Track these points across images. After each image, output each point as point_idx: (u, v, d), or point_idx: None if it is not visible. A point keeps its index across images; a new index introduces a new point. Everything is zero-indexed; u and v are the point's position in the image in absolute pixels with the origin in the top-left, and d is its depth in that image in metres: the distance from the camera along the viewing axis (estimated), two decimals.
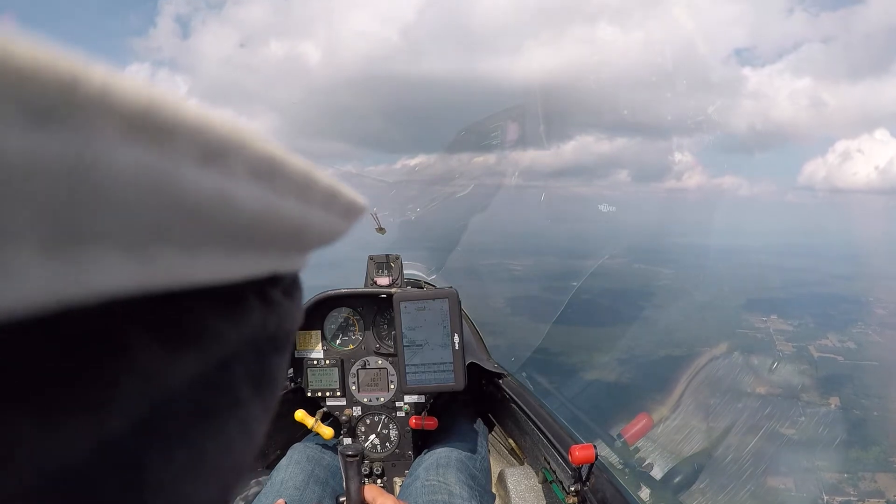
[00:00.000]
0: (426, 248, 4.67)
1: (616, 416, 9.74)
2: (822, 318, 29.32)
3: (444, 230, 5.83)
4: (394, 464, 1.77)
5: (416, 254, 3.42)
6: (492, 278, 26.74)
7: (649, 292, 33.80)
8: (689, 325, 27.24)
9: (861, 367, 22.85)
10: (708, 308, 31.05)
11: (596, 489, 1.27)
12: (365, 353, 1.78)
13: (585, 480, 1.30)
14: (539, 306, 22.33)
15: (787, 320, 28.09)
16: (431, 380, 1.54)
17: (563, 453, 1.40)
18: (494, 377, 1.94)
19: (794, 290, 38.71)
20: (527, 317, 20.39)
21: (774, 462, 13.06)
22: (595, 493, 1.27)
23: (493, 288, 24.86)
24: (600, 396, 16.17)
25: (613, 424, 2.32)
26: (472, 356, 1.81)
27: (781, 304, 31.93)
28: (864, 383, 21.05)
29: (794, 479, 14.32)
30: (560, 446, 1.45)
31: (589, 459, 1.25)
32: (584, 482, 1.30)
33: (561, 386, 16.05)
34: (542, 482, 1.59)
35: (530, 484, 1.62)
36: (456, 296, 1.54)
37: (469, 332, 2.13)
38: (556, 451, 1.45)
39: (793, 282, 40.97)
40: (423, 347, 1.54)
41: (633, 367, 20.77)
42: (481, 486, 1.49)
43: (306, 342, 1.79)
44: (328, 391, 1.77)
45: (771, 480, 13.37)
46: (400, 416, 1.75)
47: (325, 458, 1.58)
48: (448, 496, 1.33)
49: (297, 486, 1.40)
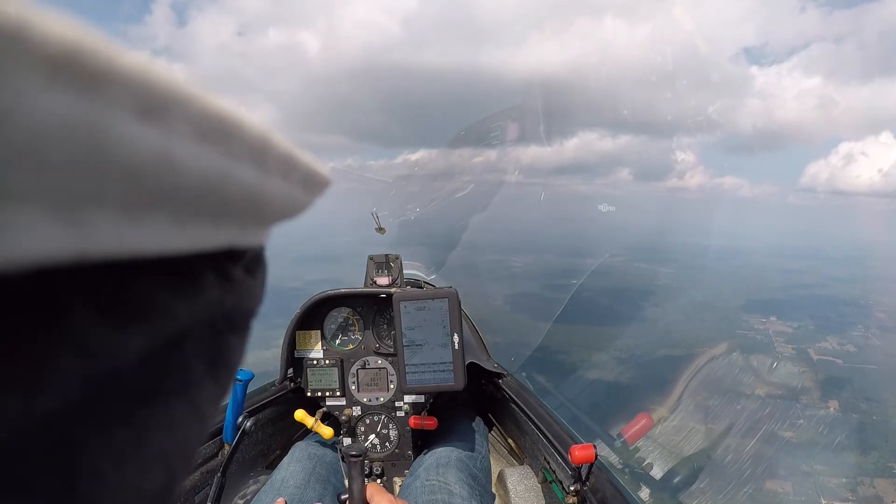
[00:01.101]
0: (427, 245, 4.66)
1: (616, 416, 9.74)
2: (821, 320, 29.30)
3: (444, 229, 5.83)
4: (394, 463, 1.76)
5: (416, 252, 3.42)
6: (492, 276, 26.76)
7: (649, 291, 33.84)
8: (688, 326, 27.25)
9: (861, 370, 22.80)
10: (707, 308, 31.06)
11: (595, 489, 1.27)
12: (365, 353, 1.77)
13: (585, 480, 1.30)
14: (539, 304, 22.35)
15: (786, 322, 28.07)
16: (431, 380, 1.54)
17: (563, 453, 1.40)
18: (494, 377, 1.94)
19: (794, 291, 38.68)
20: (527, 315, 20.40)
21: (773, 465, 13.08)
22: (595, 492, 1.27)
23: (494, 286, 24.89)
24: (600, 396, 16.21)
25: (613, 424, 2.32)
26: (471, 356, 1.80)
27: (781, 306, 31.92)
28: (864, 387, 21.00)
29: (793, 483, 14.31)
30: (560, 446, 1.45)
31: (588, 459, 1.25)
32: (584, 482, 1.30)
33: (561, 385, 16.08)
34: (542, 482, 1.59)
35: (530, 484, 1.62)
36: (456, 295, 1.53)
37: (469, 332, 2.13)
38: (556, 451, 1.45)
39: (793, 283, 40.93)
40: (423, 347, 1.54)
41: (632, 367, 20.80)
42: (481, 485, 1.49)
43: (306, 342, 1.78)
44: (328, 391, 1.76)
45: (770, 483, 13.38)
46: (400, 416, 1.75)
47: (326, 456, 1.58)
48: (448, 496, 1.33)
49: (298, 485, 1.40)
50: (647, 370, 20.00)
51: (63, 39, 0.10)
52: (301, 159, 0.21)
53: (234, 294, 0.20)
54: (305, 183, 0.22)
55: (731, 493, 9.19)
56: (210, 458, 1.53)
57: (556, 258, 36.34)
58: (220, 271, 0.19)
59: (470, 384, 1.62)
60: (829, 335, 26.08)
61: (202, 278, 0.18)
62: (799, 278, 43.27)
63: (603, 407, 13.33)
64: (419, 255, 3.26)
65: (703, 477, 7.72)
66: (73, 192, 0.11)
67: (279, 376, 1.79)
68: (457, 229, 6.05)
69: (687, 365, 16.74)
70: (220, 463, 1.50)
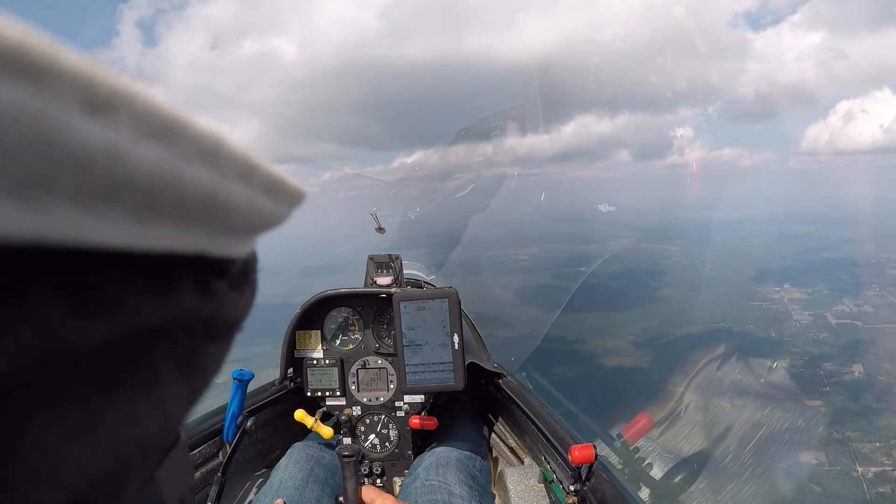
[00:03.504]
0: (428, 244, 4.60)
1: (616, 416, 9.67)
2: (835, 283, 28.92)
3: (445, 228, 5.78)
4: (393, 463, 1.76)
5: (417, 251, 3.38)
6: (499, 271, 26.70)
7: (659, 271, 33.63)
8: (703, 302, 27.04)
9: (881, 330, 22.42)
10: (719, 282, 30.82)
11: (595, 489, 1.27)
12: (365, 353, 1.78)
13: (585, 480, 1.30)
14: (550, 294, 22.23)
15: (800, 288, 27.72)
16: (431, 380, 1.56)
17: (563, 453, 1.40)
18: (494, 377, 1.93)
19: (805, 257, 38.24)
20: (538, 306, 20.28)
21: (805, 436, 12.91)
22: (594, 492, 1.27)
23: (501, 280, 24.82)
24: (608, 389, 16.07)
25: (613, 424, 2.26)
26: (471, 356, 1.80)
27: (793, 273, 31.53)
28: (886, 347, 20.65)
29: (826, 453, 14.09)
30: (559, 446, 1.45)
31: (588, 459, 1.25)
32: (584, 482, 1.30)
33: (574, 374, 15.98)
34: (542, 482, 1.59)
35: (530, 484, 1.62)
36: (455, 295, 1.54)
37: (469, 332, 2.12)
38: (556, 451, 1.45)
39: (802, 249, 40.45)
40: (423, 347, 1.55)
41: (651, 350, 20.63)
42: (481, 485, 1.49)
43: (306, 342, 1.79)
44: (328, 391, 1.77)
45: (804, 455, 13.20)
46: (400, 416, 1.75)
47: (325, 458, 1.58)
48: (448, 496, 1.34)
49: (297, 486, 1.41)
50: (665, 351, 19.85)
51: (10, 37, 0.11)
52: (263, 166, 0.21)
53: (215, 304, 0.21)
54: (272, 191, 0.22)
55: (731, 493, 9.07)
56: (210, 458, 1.54)
57: (561, 247, 36.21)
58: (200, 280, 0.20)
59: (470, 384, 1.63)
60: (845, 297, 25.72)
61: (176, 282, 0.19)
62: (807, 243, 42.75)
63: (606, 404, 13.19)
64: (419, 255, 3.26)
65: (703, 477, 7.65)
66: (25, 176, 0.12)
67: (279, 376, 1.79)
68: (457, 228, 6.02)
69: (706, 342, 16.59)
70: (220, 463, 1.51)
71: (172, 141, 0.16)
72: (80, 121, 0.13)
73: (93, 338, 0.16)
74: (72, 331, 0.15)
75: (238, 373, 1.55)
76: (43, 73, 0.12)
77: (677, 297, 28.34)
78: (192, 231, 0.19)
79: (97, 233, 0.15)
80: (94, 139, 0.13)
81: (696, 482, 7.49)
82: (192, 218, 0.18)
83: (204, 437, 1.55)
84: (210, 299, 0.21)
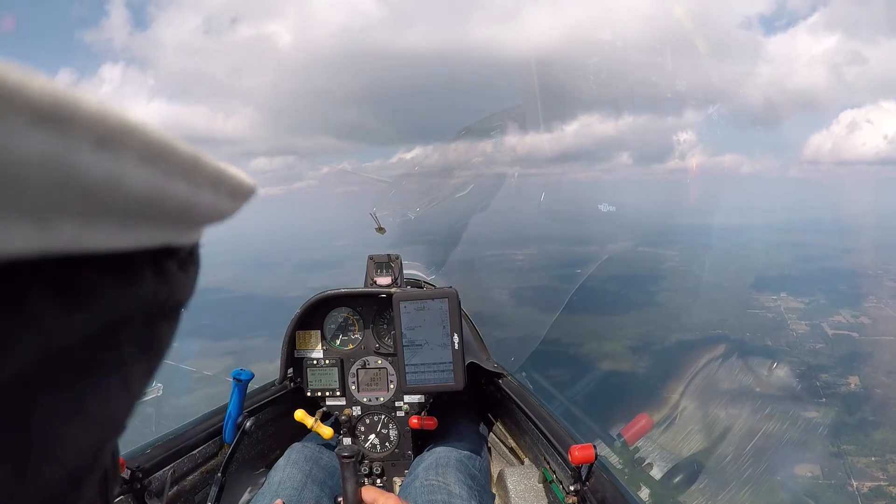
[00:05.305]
0: (428, 242, 4.57)
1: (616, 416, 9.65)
2: (833, 293, 28.78)
3: (445, 227, 5.75)
4: (393, 463, 1.77)
5: (416, 252, 3.36)
6: (496, 271, 26.64)
7: (657, 276, 33.57)
8: (700, 308, 26.99)
9: (878, 342, 22.31)
10: (717, 288, 30.78)
11: (595, 489, 1.27)
12: (365, 353, 1.78)
13: (585, 480, 1.31)
14: (547, 296, 22.20)
15: (797, 298, 27.55)
16: (431, 380, 1.55)
17: (563, 453, 1.40)
18: (494, 377, 1.93)
19: (803, 266, 38.12)
20: (535, 308, 20.24)
21: (801, 448, 12.86)
22: (594, 492, 1.27)
23: (499, 280, 24.77)
24: (606, 391, 16.03)
25: (613, 424, 2.24)
26: (471, 356, 1.80)
27: (791, 281, 31.43)
28: (884, 360, 20.48)
29: (822, 466, 14.02)
30: (559, 446, 1.45)
31: (588, 459, 1.25)
32: (584, 482, 1.30)
33: (570, 377, 15.95)
34: (542, 482, 1.60)
35: (530, 484, 1.62)
36: (455, 295, 1.54)
37: (469, 332, 2.12)
38: (556, 451, 1.45)
39: (801, 258, 40.32)
40: (423, 347, 1.55)
41: (647, 355, 20.59)
42: (481, 485, 1.50)
43: (306, 342, 1.79)
44: (328, 391, 1.77)
45: (799, 468, 13.15)
46: (400, 416, 1.75)
47: (323, 458, 1.58)
48: (447, 496, 1.34)
49: (296, 487, 1.41)
50: (661, 357, 19.81)
51: (44, 94, 0.13)
52: (229, 172, 0.24)
53: (168, 287, 0.24)
54: (232, 193, 0.25)
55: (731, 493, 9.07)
56: (210, 458, 1.54)
57: (560, 247, 36.12)
58: (157, 267, 0.23)
59: (470, 384, 1.63)
60: (843, 308, 25.58)
61: (141, 273, 0.22)
62: (807, 252, 42.61)
63: (605, 405, 13.16)
64: (419, 255, 3.26)
65: (703, 477, 7.65)
66: (43, 205, 0.15)
67: (279, 376, 1.79)
68: (457, 227, 5.98)
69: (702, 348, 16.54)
70: (220, 463, 1.51)
71: (161, 164, 0.19)
72: (91, 156, 0.15)
73: (76, 331, 0.18)
74: (61, 327, 0.17)
75: (237, 373, 1.53)
76: (67, 123, 0.14)
77: (675, 302, 28.29)
78: (165, 230, 0.22)
79: (91, 241, 0.17)
80: (100, 170, 0.16)
81: (696, 482, 7.49)
82: (167, 222, 0.22)
83: (204, 437, 1.54)
84: (164, 282, 0.23)
